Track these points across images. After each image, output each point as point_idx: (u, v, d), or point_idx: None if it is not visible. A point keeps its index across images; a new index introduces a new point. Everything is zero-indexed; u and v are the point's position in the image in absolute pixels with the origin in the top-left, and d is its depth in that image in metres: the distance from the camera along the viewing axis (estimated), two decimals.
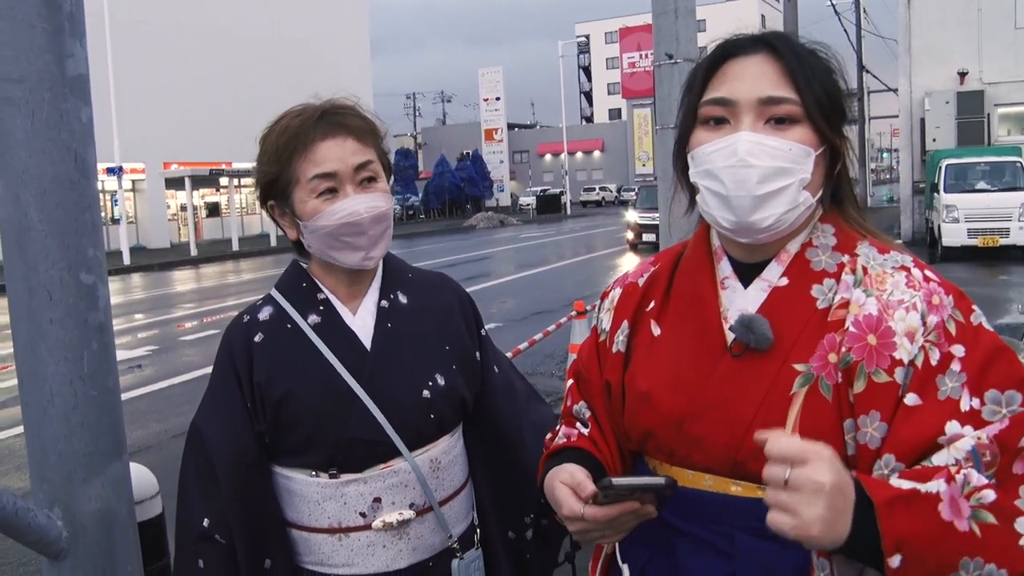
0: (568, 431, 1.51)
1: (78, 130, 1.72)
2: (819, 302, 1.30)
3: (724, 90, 1.32)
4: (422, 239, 35.69)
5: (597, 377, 1.50)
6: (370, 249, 1.70)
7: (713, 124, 1.33)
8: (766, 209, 1.28)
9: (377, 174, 1.72)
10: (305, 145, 1.67)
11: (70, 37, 1.71)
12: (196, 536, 1.68)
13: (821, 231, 1.36)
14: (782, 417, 1.24)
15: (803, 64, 1.31)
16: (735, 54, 1.34)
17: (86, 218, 1.72)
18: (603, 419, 1.48)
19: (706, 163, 1.32)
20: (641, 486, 1.23)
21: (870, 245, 1.35)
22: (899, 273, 1.29)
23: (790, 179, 1.27)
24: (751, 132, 1.28)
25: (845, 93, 1.36)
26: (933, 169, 18.94)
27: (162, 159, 36.33)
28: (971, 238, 16.82)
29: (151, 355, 11.32)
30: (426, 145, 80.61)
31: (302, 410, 1.68)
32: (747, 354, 1.29)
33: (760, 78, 1.30)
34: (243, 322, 1.78)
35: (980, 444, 1.13)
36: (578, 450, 1.45)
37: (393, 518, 1.69)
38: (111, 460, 1.74)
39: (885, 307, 1.25)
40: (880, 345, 1.22)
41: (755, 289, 1.35)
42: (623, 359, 1.45)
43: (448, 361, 1.80)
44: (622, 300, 1.51)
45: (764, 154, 1.27)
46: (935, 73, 21.66)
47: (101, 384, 1.73)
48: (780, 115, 1.29)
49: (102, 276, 1.76)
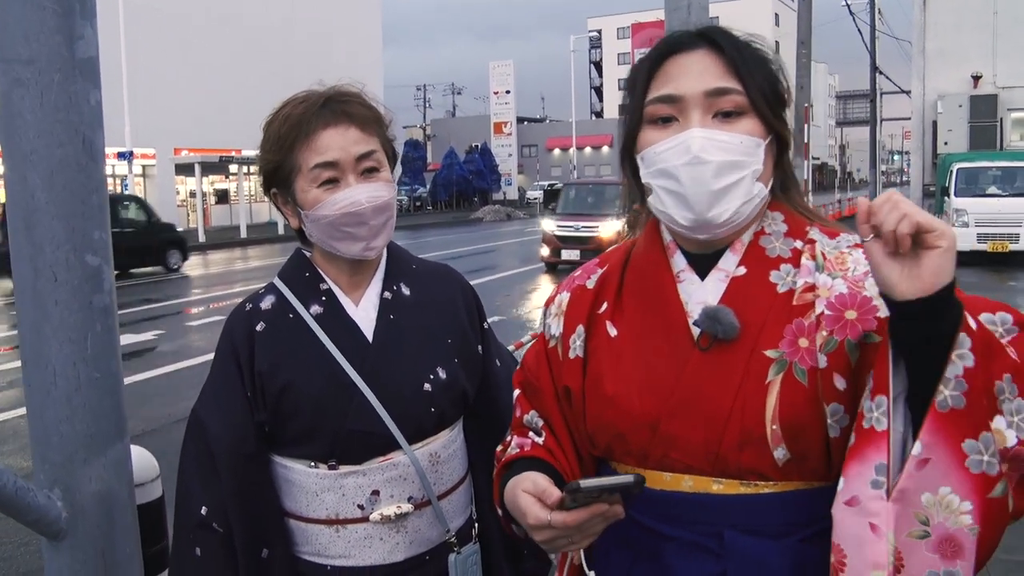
0: (521, 441, 1.47)
1: (87, 113, 1.72)
2: (779, 287, 1.31)
3: (670, 87, 1.31)
4: (429, 230, 35.68)
5: (549, 384, 1.46)
6: (371, 239, 1.69)
7: (661, 123, 1.32)
8: (723, 203, 1.28)
9: (380, 163, 1.70)
10: (307, 134, 1.66)
11: (80, 19, 1.71)
12: (194, 524, 1.68)
13: (771, 219, 1.38)
14: (760, 406, 1.23)
15: (744, 55, 1.32)
16: (676, 51, 1.34)
17: (93, 200, 1.72)
18: (558, 427, 1.44)
19: (659, 162, 1.31)
20: (609, 486, 1.18)
21: (820, 231, 1.37)
22: (856, 251, 1.31)
23: (743, 171, 1.28)
24: (701, 128, 1.28)
25: (783, 82, 1.37)
26: (944, 172, 18.89)
27: (172, 145, 36.36)
28: (981, 243, 16.76)
29: (159, 339, 11.37)
30: (435, 137, 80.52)
31: (303, 401, 1.68)
32: (715, 346, 1.28)
33: (704, 72, 1.31)
34: (245, 311, 1.77)
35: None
36: (534, 459, 1.40)
37: (391, 511, 1.69)
38: (112, 442, 1.74)
39: (854, 283, 1.26)
40: (861, 314, 1.23)
41: (713, 280, 1.35)
42: (582, 364, 1.41)
43: (450, 354, 1.79)
44: (572, 304, 1.47)
45: (717, 149, 1.27)
46: (949, 76, 21.59)
47: (104, 366, 1.73)
48: (727, 108, 1.30)
49: (107, 259, 1.76)
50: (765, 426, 1.23)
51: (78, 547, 1.70)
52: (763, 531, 1.25)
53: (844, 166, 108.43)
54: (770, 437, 1.23)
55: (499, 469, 1.46)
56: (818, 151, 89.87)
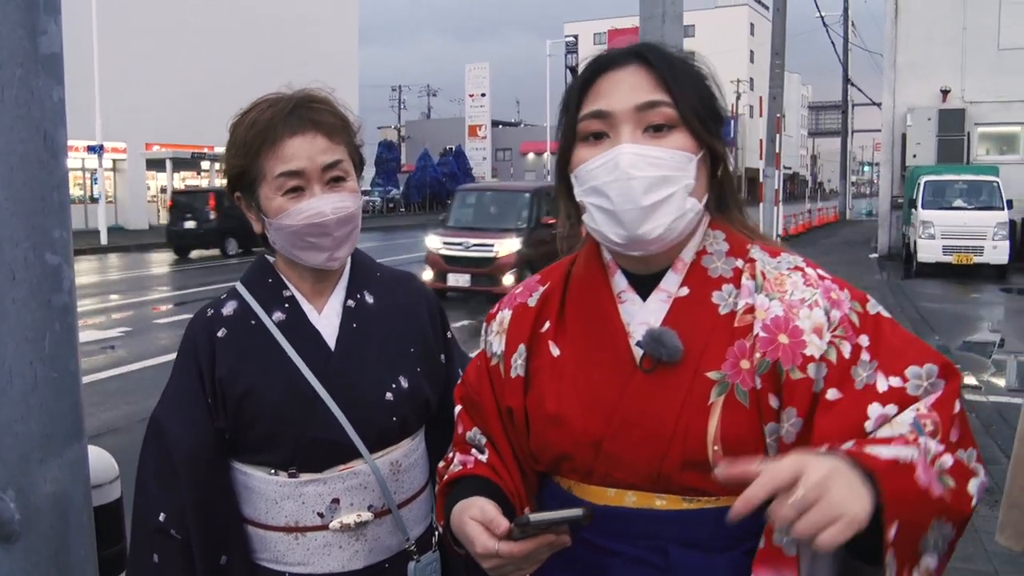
0: (464, 458, 1.46)
1: (49, 109, 1.70)
2: (721, 308, 1.31)
3: (601, 103, 1.31)
4: (401, 232, 35.55)
5: (491, 402, 1.46)
6: (335, 250, 1.67)
7: (593, 140, 1.32)
8: (654, 220, 1.27)
9: (347, 173, 1.69)
10: (273, 141, 1.63)
11: (44, 14, 1.69)
12: (152, 530, 1.66)
13: (713, 237, 1.38)
14: (702, 427, 1.24)
15: (674, 70, 1.32)
16: (608, 68, 1.34)
17: (54, 198, 1.69)
18: (501, 444, 1.44)
19: (590, 180, 1.31)
20: (558, 520, 1.20)
21: (760, 249, 1.37)
22: (795, 274, 1.32)
23: (674, 187, 1.28)
24: (631, 144, 1.28)
25: (719, 99, 1.37)
26: (912, 185, 19.12)
27: (144, 140, 36.05)
28: (946, 255, 16.99)
29: (124, 336, 11.25)
30: (410, 138, 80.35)
31: (263, 408, 1.66)
32: (658, 368, 1.29)
33: (634, 87, 1.31)
34: (206, 316, 1.75)
35: (920, 415, 1.18)
36: (477, 478, 1.40)
37: (351, 519, 1.68)
38: (69, 443, 1.72)
39: (789, 307, 1.27)
40: (792, 344, 1.24)
41: (655, 301, 1.35)
42: (523, 383, 1.41)
43: (413, 363, 1.78)
44: (514, 322, 1.46)
45: (646, 164, 1.27)
46: (918, 89, 21.85)
47: (62, 366, 1.71)
48: (657, 121, 1.29)
49: (68, 258, 1.73)
50: (707, 447, 1.24)
51: (31, 549, 1.67)
52: (707, 545, 1.27)
53: (815, 176, 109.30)
54: (712, 458, 1.24)
55: (442, 486, 1.46)
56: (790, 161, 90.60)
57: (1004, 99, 21.35)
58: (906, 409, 1.19)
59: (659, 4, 6.04)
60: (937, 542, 1.13)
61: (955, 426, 1.20)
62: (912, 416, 1.18)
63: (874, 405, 1.20)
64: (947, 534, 1.15)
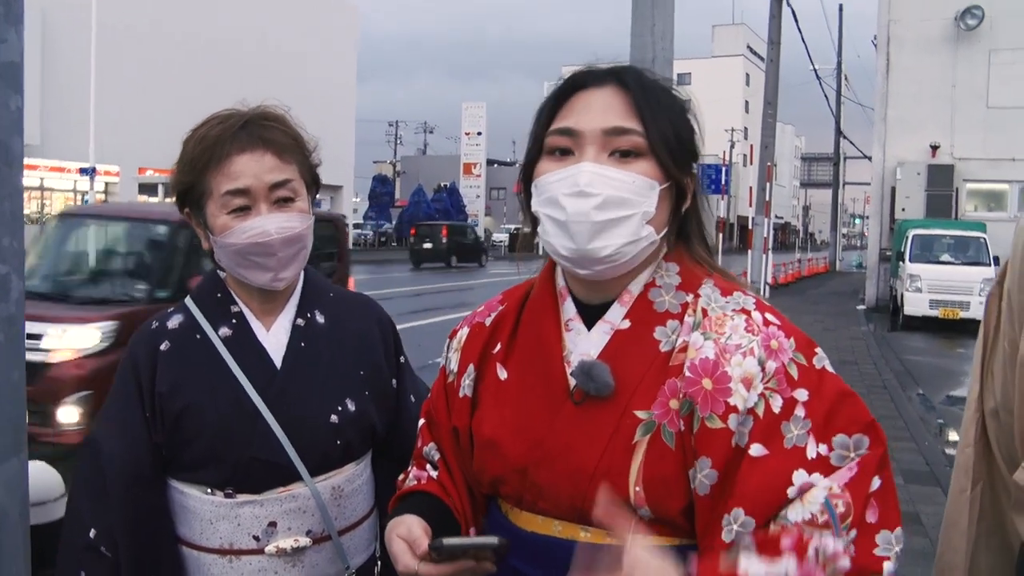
0: (418, 473, 1.47)
1: (5, 118, 1.68)
2: (662, 345, 1.28)
3: (570, 120, 1.30)
4: (392, 266, 35.57)
5: (445, 420, 1.45)
6: (280, 270, 1.64)
7: (558, 155, 1.31)
8: (605, 238, 1.25)
9: (295, 193, 1.66)
10: (220, 158, 1.60)
11: (5, 23, 1.67)
12: (81, 546, 1.61)
13: (665, 270, 1.34)
14: (625, 466, 1.22)
15: (650, 98, 1.30)
16: (584, 86, 1.32)
17: (5, 207, 1.67)
18: (452, 462, 1.44)
19: (548, 191, 1.29)
20: (472, 546, 1.24)
21: (714, 285, 1.33)
22: (739, 316, 1.27)
23: (631, 210, 1.26)
24: (593, 164, 1.26)
25: (695, 133, 1.36)
26: (900, 238, 19.21)
27: (137, 164, 36.02)
28: (932, 309, 17.00)
29: None
30: (405, 174, 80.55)
31: (203, 425, 1.62)
32: (588, 401, 1.26)
33: (606, 110, 1.29)
34: (150, 329, 1.72)
35: (832, 495, 1.13)
36: (426, 494, 1.41)
37: (288, 544, 1.63)
38: (7, 457, 1.68)
39: (722, 351, 1.22)
40: (715, 390, 1.20)
41: (598, 332, 1.32)
42: (470, 404, 1.40)
43: (361, 386, 1.74)
44: (469, 341, 1.46)
45: (605, 184, 1.25)
46: (908, 144, 22.03)
47: (5, 377, 1.67)
48: (624, 147, 1.27)
49: (17, 268, 1.71)
50: (629, 487, 1.21)
51: None
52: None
53: (807, 227, 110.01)
54: (633, 498, 1.22)
55: (394, 500, 1.46)
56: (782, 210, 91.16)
57: (992, 157, 21.54)
58: (820, 485, 1.14)
59: (649, 49, 6.09)
60: None
61: (872, 506, 1.15)
62: (823, 496, 1.13)
63: (800, 472, 1.15)
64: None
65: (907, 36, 22.23)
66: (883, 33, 22.63)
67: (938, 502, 5.84)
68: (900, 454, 7.14)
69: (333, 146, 7.79)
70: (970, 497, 1.55)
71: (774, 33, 21.12)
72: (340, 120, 45.69)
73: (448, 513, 1.39)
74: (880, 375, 11.24)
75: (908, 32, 22.22)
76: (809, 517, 1.12)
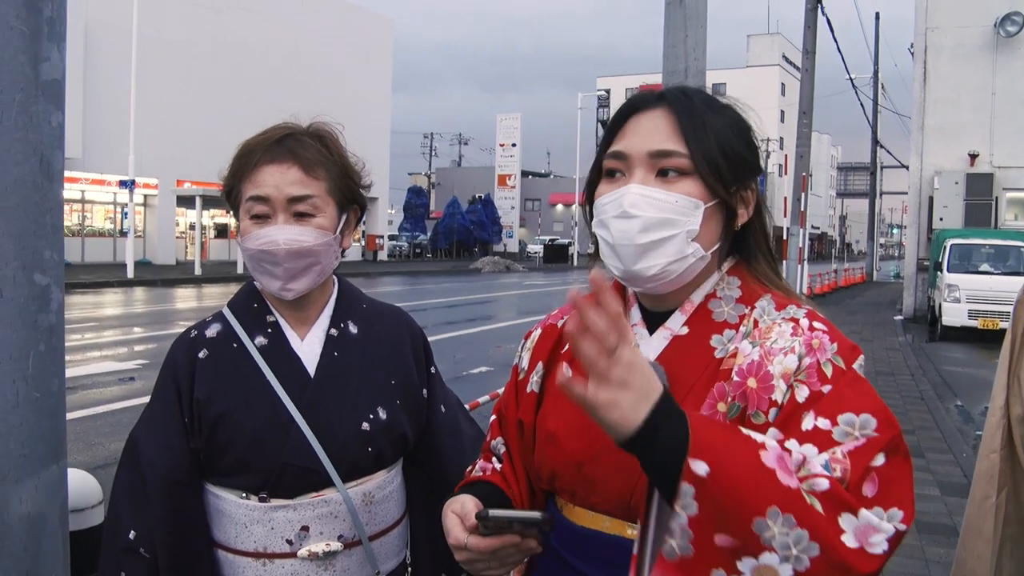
0: (484, 465, 1.54)
1: (47, 133, 1.73)
2: (717, 351, 1.32)
3: (622, 144, 1.36)
4: (427, 278, 35.74)
5: (513, 415, 1.51)
6: (288, 281, 1.69)
7: (612, 177, 1.37)
8: (650, 259, 1.30)
9: (316, 209, 1.69)
10: (251, 165, 1.68)
11: (48, 41, 1.73)
12: (121, 548, 1.66)
13: (727, 283, 1.40)
14: None
15: (695, 119, 1.34)
16: (638, 109, 1.38)
17: (47, 221, 1.72)
18: (516, 456, 1.50)
19: (600, 214, 1.35)
20: (518, 518, 1.28)
21: (771, 299, 1.37)
22: (787, 324, 1.31)
23: (675, 230, 1.30)
24: (639, 185, 1.31)
25: (747, 148, 1.39)
26: (938, 248, 18.98)
27: (175, 176, 36.58)
28: (971, 319, 16.78)
29: (142, 369, 11.30)
30: (440, 185, 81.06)
31: (238, 431, 1.67)
32: None
33: (653, 132, 1.34)
34: (189, 337, 1.77)
35: (833, 459, 1.12)
36: (489, 484, 1.47)
37: (320, 548, 1.67)
38: (47, 464, 1.72)
39: (767, 354, 1.27)
40: (760, 388, 1.24)
41: (658, 337, 1.38)
42: (536, 399, 1.47)
43: (392, 395, 1.78)
44: (540, 340, 1.54)
45: (648, 205, 1.30)
46: (946, 153, 21.80)
47: (45, 387, 1.72)
48: (669, 167, 1.32)
49: (58, 279, 1.75)
50: None
51: (1, 570, 1.67)
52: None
53: (843, 236, 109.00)
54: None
55: (458, 488, 1.49)
56: (818, 220, 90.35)
57: None
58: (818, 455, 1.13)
59: (682, 60, 6.09)
60: (786, 545, 1.03)
61: (870, 480, 1.13)
62: (825, 458, 1.13)
63: (791, 441, 1.16)
64: (803, 546, 1.03)
65: (945, 43, 22.01)
66: (920, 41, 22.42)
67: None
68: (937, 466, 7.05)
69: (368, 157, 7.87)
70: (995, 504, 1.54)
71: (809, 43, 20.98)
72: (375, 131, 46.04)
73: (508, 503, 1.44)
74: (917, 386, 11.11)
75: (946, 39, 22.00)
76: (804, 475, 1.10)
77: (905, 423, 8.75)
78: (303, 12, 43.43)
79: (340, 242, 1.76)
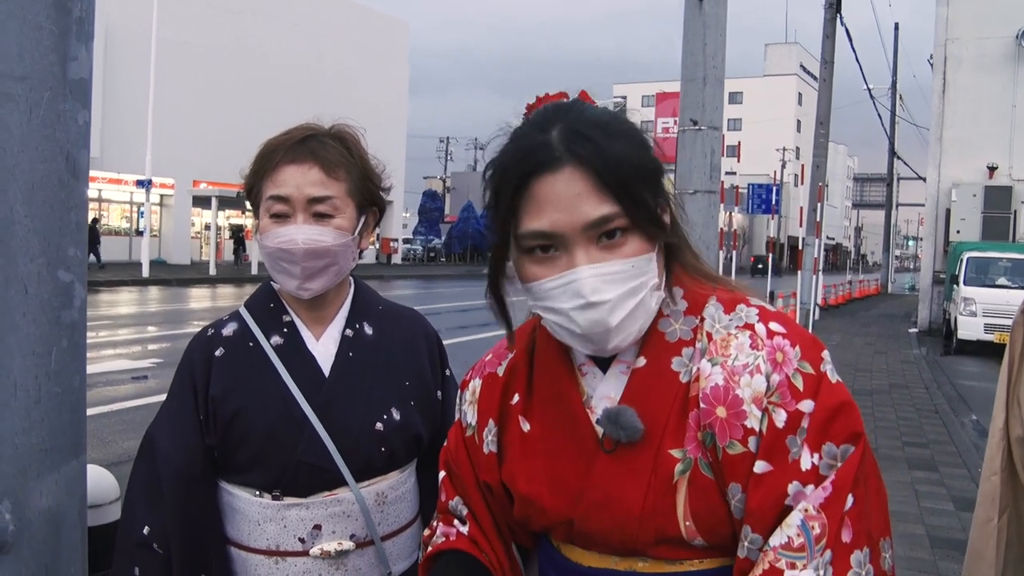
0: (447, 530, 1.42)
1: (74, 132, 1.75)
2: (682, 375, 1.23)
3: (543, 222, 1.17)
4: (440, 282, 35.80)
5: (469, 473, 1.40)
6: (305, 281, 1.70)
7: (540, 252, 1.20)
8: (623, 331, 1.20)
9: (336, 210, 1.70)
10: (272, 165, 1.70)
11: (76, 40, 1.75)
12: (135, 543, 1.68)
13: (671, 297, 1.28)
14: (670, 504, 1.20)
15: (610, 165, 1.16)
16: (538, 172, 1.17)
17: (71, 218, 1.74)
18: (481, 515, 1.39)
19: (547, 299, 1.20)
20: None
21: (717, 302, 1.27)
22: (743, 333, 1.22)
23: (640, 293, 1.19)
24: (589, 265, 1.16)
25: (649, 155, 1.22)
26: (955, 261, 18.89)
27: (192, 177, 36.78)
28: (987, 333, 16.68)
29: (156, 368, 11.37)
30: (455, 189, 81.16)
31: (252, 429, 1.68)
32: (620, 448, 1.22)
33: (577, 201, 1.15)
34: (206, 335, 1.79)
35: (808, 516, 1.11)
36: (458, 552, 1.37)
37: (332, 547, 1.68)
38: (67, 459, 1.74)
39: (731, 374, 1.19)
40: (730, 416, 1.17)
41: (614, 373, 1.28)
42: (496, 459, 1.36)
43: (406, 396, 1.79)
44: (484, 393, 1.40)
45: (609, 285, 1.17)
46: (964, 165, 21.70)
47: (67, 382, 1.74)
48: (610, 229, 1.17)
49: (81, 276, 1.77)
50: (679, 523, 1.19)
51: (22, 561, 1.68)
52: None
53: (858, 248, 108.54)
54: (685, 533, 1.20)
55: (424, 559, 1.43)
56: (833, 231, 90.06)
57: None
58: (796, 507, 1.12)
59: (700, 67, 6.08)
60: None
61: (846, 526, 1.12)
62: (800, 518, 1.11)
63: (794, 483, 1.13)
64: None
65: (965, 55, 21.93)
66: (940, 52, 22.35)
67: None
68: (951, 480, 7.01)
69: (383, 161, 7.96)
70: (997, 526, 1.54)
71: (828, 53, 20.93)
72: (391, 135, 46.11)
73: (484, 570, 1.36)
74: (932, 400, 11.04)
75: (966, 51, 21.92)
76: (786, 541, 1.11)
77: (919, 437, 8.71)
78: (320, 16, 43.58)
79: (358, 243, 1.77)
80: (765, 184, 30.62)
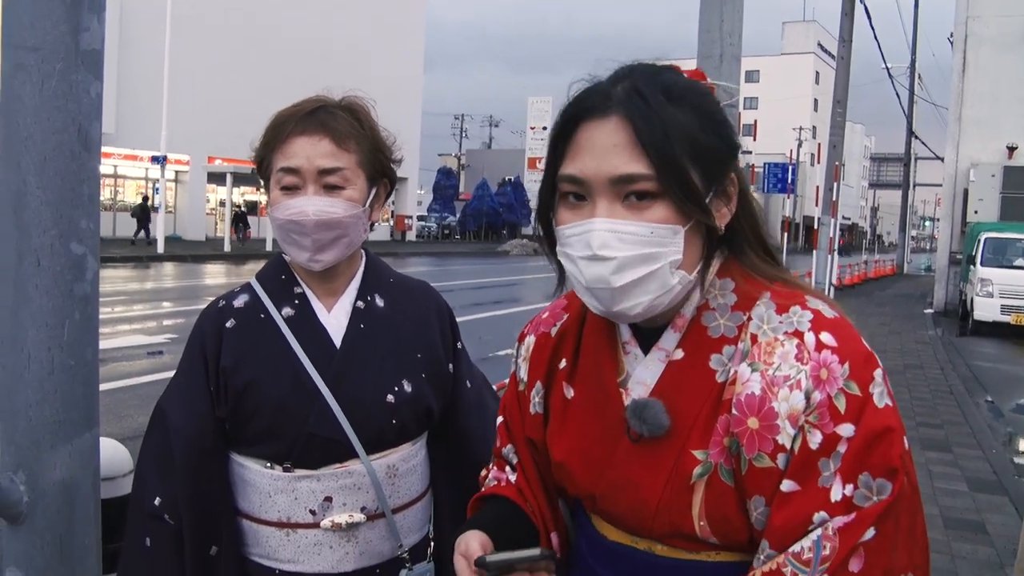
0: (498, 474, 1.46)
1: (86, 103, 1.74)
2: (718, 375, 1.19)
3: (576, 166, 1.17)
4: (455, 259, 35.81)
5: (519, 426, 1.43)
6: (316, 252, 1.70)
7: (572, 199, 1.19)
8: (631, 298, 1.16)
9: (346, 181, 1.70)
10: (282, 137, 1.69)
11: (88, 12, 1.74)
12: (146, 514, 1.69)
13: (719, 289, 1.24)
14: (686, 503, 1.18)
15: (655, 127, 1.13)
16: (588, 117, 1.17)
17: (83, 190, 1.74)
18: (528, 467, 1.41)
19: (565, 246, 1.20)
20: (515, 560, 1.21)
21: (770, 300, 1.21)
22: (790, 341, 1.15)
23: (656, 263, 1.15)
24: (606, 219, 1.15)
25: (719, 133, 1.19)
26: (972, 241, 18.74)
27: (207, 153, 36.79)
28: (1004, 314, 16.56)
29: (170, 343, 11.41)
30: (469, 167, 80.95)
31: (263, 400, 1.68)
32: (644, 439, 1.21)
33: (610, 152, 1.14)
34: (217, 307, 1.79)
35: (825, 535, 1.08)
36: (504, 500, 1.40)
37: (343, 519, 1.68)
38: (80, 431, 1.75)
39: (770, 384, 1.13)
40: (762, 428, 1.12)
41: (653, 359, 1.25)
42: (542, 420, 1.38)
43: (418, 369, 1.79)
44: (535, 353, 1.41)
45: (620, 243, 1.14)
46: (983, 145, 21.47)
47: (79, 355, 1.74)
48: (635, 191, 1.14)
49: (93, 249, 1.77)
50: (693, 522, 1.18)
51: (36, 532, 1.70)
52: None
53: (875, 228, 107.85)
54: (699, 531, 1.19)
55: (474, 500, 1.45)
56: (849, 211, 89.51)
57: None
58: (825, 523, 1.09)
59: (717, 45, 6.03)
60: None
61: (858, 555, 1.07)
62: (819, 534, 1.08)
63: (821, 513, 1.09)
64: None
65: (986, 33, 21.65)
66: (960, 30, 22.07)
67: (1005, 512, 5.72)
68: (966, 461, 6.99)
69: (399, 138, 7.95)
70: None
71: (846, 31, 20.71)
72: (406, 111, 45.98)
73: (526, 519, 1.37)
74: (947, 380, 11.00)
75: (987, 29, 21.64)
76: (799, 550, 1.08)
77: (934, 418, 8.68)
78: None
79: (369, 215, 1.77)
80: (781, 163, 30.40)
